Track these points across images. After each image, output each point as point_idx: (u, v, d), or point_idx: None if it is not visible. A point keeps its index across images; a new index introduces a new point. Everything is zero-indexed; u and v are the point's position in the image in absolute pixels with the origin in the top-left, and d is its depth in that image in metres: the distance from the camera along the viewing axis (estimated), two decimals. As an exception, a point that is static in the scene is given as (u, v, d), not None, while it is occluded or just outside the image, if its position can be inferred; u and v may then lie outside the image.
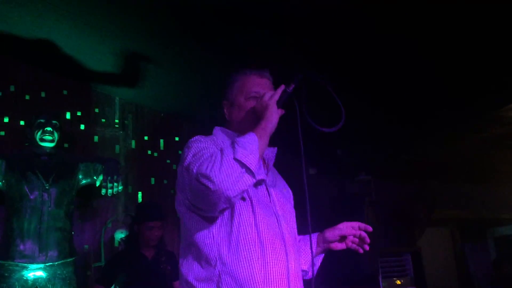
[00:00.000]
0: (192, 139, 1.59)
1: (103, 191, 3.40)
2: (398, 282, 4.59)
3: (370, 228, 1.73)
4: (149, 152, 4.58)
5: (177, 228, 4.49)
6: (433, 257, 6.07)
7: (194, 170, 1.38)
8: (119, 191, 3.50)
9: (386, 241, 4.54)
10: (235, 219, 1.46)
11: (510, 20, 2.66)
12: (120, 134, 4.46)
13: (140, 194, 4.42)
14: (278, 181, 1.73)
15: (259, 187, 1.56)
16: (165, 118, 4.77)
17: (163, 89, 4.37)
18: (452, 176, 5.63)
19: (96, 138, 4.30)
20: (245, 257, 1.42)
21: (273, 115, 1.50)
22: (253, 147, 1.40)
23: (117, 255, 3.56)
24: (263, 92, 1.59)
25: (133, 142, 4.51)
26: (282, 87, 1.56)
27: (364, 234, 1.71)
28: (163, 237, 3.49)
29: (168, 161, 4.67)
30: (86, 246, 3.97)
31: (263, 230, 1.47)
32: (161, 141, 4.69)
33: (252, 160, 1.37)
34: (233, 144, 1.40)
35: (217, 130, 1.73)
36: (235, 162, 1.35)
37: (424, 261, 4.83)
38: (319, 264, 1.81)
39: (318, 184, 4.97)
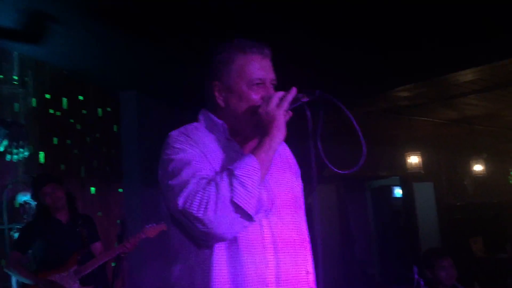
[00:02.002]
0: (170, 139, 1.41)
1: (8, 156, 3.33)
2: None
3: None
4: (51, 111, 4.43)
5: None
6: (322, 210, 6.74)
7: (179, 204, 1.23)
8: (25, 156, 3.43)
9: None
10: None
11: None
12: (19, 91, 4.24)
13: (42, 154, 4.30)
14: (281, 166, 1.48)
15: None
16: (69, 76, 4.60)
17: (67, 46, 4.19)
18: (340, 139, 6.20)
19: (-8, 95, 4.07)
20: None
21: (280, 131, 1.32)
22: (253, 184, 1.23)
23: (32, 221, 3.56)
24: (269, 93, 1.38)
25: (34, 100, 4.32)
26: (293, 91, 1.37)
27: None
28: (74, 200, 3.56)
29: (71, 120, 4.57)
30: (-15, 209, 3.85)
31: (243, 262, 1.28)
32: (64, 100, 4.54)
33: (251, 203, 1.22)
34: (230, 174, 1.24)
35: (203, 117, 1.51)
36: (231, 206, 1.21)
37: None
38: None
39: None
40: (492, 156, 8.75)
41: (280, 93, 1.35)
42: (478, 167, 7.15)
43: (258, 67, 1.39)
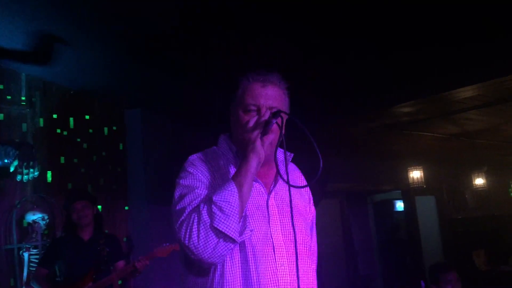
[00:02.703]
0: (187, 163, 1.49)
1: (19, 177, 3.39)
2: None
3: None
4: (58, 130, 4.49)
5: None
6: (325, 225, 6.78)
7: (176, 231, 1.33)
8: (35, 176, 3.49)
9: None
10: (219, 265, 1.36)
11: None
12: (27, 111, 4.31)
13: (49, 173, 4.36)
14: (291, 191, 1.50)
15: (256, 211, 1.42)
16: (75, 95, 4.68)
17: (73, 66, 4.27)
18: (343, 153, 6.26)
19: (1, 116, 4.12)
20: None
21: (255, 153, 1.37)
22: (231, 207, 1.29)
23: (58, 238, 3.73)
24: (249, 119, 1.44)
25: (41, 120, 4.39)
26: (266, 115, 1.42)
27: None
28: (99, 218, 3.67)
29: (78, 139, 4.63)
30: (-5, 228, 3.89)
31: (252, 275, 1.34)
32: (71, 119, 4.61)
33: (230, 226, 1.27)
34: (209, 201, 1.30)
35: (221, 141, 1.60)
36: (212, 231, 1.26)
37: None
38: None
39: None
40: (492, 170, 8.81)
41: (255, 118, 1.42)
42: (479, 181, 7.20)
43: (254, 94, 1.46)
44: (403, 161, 7.10)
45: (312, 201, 1.64)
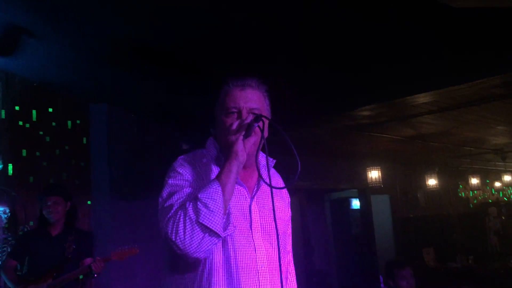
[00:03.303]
0: (176, 163, 1.56)
1: (-19, 169, 3.32)
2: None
3: None
4: (21, 123, 4.42)
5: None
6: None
7: (163, 228, 1.39)
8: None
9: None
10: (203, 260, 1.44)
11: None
12: (-12, 103, 4.22)
13: (10, 166, 4.28)
14: (272, 196, 1.58)
15: (239, 214, 1.51)
16: (39, 88, 4.61)
17: (38, 59, 4.21)
18: (305, 152, 6.43)
19: (-40, 107, 4.03)
20: None
21: (237, 154, 1.44)
22: (215, 204, 1.36)
23: (28, 232, 3.78)
24: (231, 121, 1.51)
25: (3, 112, 4.31)
26: (249, 118, 1.50)
27: None
28: (73, 214, 3.64)
29: (41, 132, 4.57)
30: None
31: (234, 270, 1.44)
32: (34, 112, 4.54)
33: (215, 221, 1.35)
34: (195, 198, 1.37)
35: (209, 144, 1.66)
36: (197, 226, 1.33)
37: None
38: None
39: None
40: (443, 171, 9.26)
41: (238, 121, 1.49)
42: (432, 181, 7.56)
43: (234, 97, 1.54)
44: (361, 161, 7.37)
45: (289, 204, 1.75)
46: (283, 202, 1.70)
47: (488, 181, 11.78)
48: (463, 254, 8.34)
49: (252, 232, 1.51)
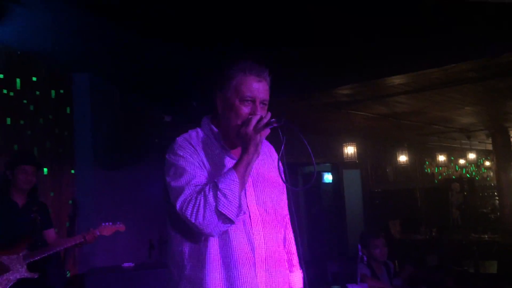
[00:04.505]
0: (175, 145, 1.66)
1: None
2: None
3: None
4: (5, 91, 4.42)
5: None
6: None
7: (178, 207, 1.53)
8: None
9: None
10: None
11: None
12: (-28, 70, 4.20)
13: (-5, 134, 4.30)
14: (266, 166, 1.77)
15: None
16: (22, 56, 4.59)
17: (22, 27, 4.19)
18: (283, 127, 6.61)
19: None
20: (208, 272, 1.58)
21: (255, 149, 1.57)
22: (233, 194, 1.51)
23: None
24: (246, 109, 1.63)
25: (-13, 80, 4.30)
26: (268, 116, 1.60)
27: None
28: (37, 186, 3.59)
29: (25, 101, 4.58)
30: None
31: (232, 246, 1.60)
32: (18, 80, 4.54)
33: (232, 210, 1.51)
34: (215, 187, 1.51)
35: (204, 124, 1.76)
36: (215, 213, 1.49)
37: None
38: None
39: (173, 131, 5.43)
40: (411, 148, 9.64)
41: (257, 117, 1.59)
42: (402, 158, 7.89)
43: (251, 87, 1.64)
44: (336, 137, 7.61)
45: (282, 173, 1.80)
46: (274, 169, 1.82)
47: (453, 158, 12.33)
48: (427, 227, 8.77)
49: (246, 199, 1.65)
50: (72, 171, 4.95)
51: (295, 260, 1.91)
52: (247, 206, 1.64)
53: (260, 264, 1.62)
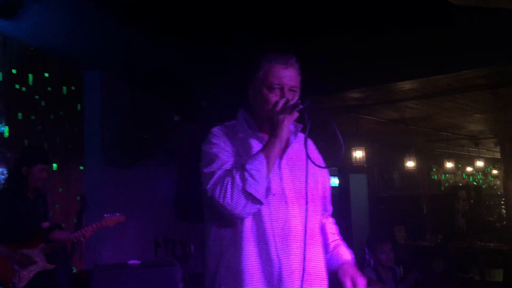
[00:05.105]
0: (210, 135, 1.72)
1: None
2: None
3: None
4: (17, 86, 4.45)
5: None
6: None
7: (208, 190, 1.57)
8: (1, 132, 3.50)
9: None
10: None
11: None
12: (-14, 65, 4.23)
13: (6, 128, 4.33)
14: (302, 152, 1.73)
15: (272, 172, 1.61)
16: (36, 52, 4.62)
17: (36, 23, 4.23)
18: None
19: (-42, 68, 4.04)
20: (245, 256, 1.58)
21: (283, 131, 1.59)
22: (261, 175, 1.53)
23: (3, 190, 3.62)
24: (274, 97, 1.66)
25: (0, 75, 4.33)
26: (295, 98, 1.65)
27: None
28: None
29: (36, 97, 4.60)
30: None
31: (266, 230, 1.59)
32: (30, 76, 4.57)
33: (259, 189, 1.52)
34: (242, 168, 1.53)
35: (240, 116, 1.81)
36: (242, 193, 1.51)
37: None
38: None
39: (182, 131, 5.46)
40: (418, 154, 9.61)
41: (284, 100, 1.63)
42: (410, 163, 7.86)
43: (278, 75, 1.68)
44: (344, 140, 7.58)
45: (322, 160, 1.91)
46: (313, 151, 1.87)
47: (460, 165, 12.27)
48: (432, 234, 8.74)
49: (283, 188, 1.64)
50: (81, 168, 4.98)
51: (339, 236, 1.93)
52: (283, 190, 1.64)
53: (296, 249, 1.60)
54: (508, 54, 3.69)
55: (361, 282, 1.67)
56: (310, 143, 1.87)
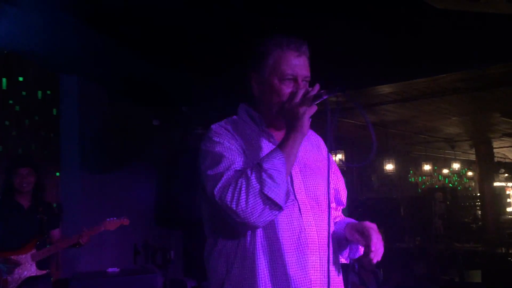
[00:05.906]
0: (210, 132, 1.48)
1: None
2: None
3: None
4: (-10, 91, 4.34)
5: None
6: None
7: (216, 195, 1.32)
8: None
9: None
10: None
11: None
12: (-43, 69, 4.11)
13: (-21, 135, 4.21)
14: (313, 156, 1.56)
15: None
16: (9, 56, 4.50)
17: (9, 26, 4.13)
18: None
19: None
20: (258, 272, 1.36)
21: (303, 126, 1.37)
22: (280, 175, 1.31)
23: None
24: (287, 89, 1.44)
25: (-28, 79, 4.21)
26: (316, 88, 1.40)
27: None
28: (41, 186, 3.61)
29: (10, 101, 4.49)
30: None
31: (280, 241, 1.38)
32: (4, 80, 4.45)
33: (279, 193, 1.30)
34: (259, 167, 1.31)
35: (242, 111, 1.58)
36: (259, 197, 1.28)
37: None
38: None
39: (161, 136, 5.39)
40: (395, 157, 9.72)
41: (304, 90, 1.41)
42: (389, 166, 7.94)
43: (292, 64, 1.45)
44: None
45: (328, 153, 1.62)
46: (319, 152, 1.62)
47: (436, 168, 12.46)
48: (410, 236, 8.83)
49: (294, 190, 1.45)
50: (57, 174, 4.86)
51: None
52: (295, 196, 1.44)
53: (314, 262, 1.41)
54: (485, 57, 3.75)
55: (368, 226, 1.50)
56: (319, 140, 1.68)
